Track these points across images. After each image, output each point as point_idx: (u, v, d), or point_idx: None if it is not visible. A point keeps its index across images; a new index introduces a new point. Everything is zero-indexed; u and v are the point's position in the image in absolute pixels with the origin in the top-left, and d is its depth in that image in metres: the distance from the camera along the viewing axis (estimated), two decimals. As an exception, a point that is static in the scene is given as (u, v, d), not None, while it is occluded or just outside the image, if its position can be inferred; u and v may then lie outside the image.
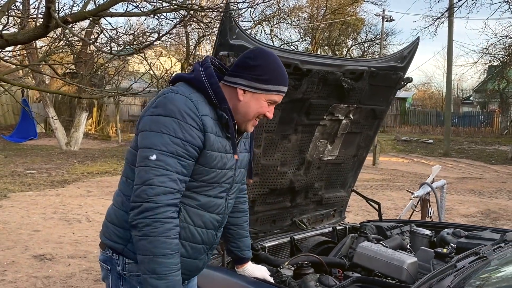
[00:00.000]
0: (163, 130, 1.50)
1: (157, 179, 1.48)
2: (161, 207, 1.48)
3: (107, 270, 1.70)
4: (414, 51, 3.14)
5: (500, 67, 22.56)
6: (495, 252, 1.88)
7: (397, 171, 12.89)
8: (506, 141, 22.56)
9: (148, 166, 1.49)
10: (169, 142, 1.50)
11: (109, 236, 1.68)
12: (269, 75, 1.66)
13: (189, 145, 1.53)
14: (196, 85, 1.62)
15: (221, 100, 1.62)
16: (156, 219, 1.48)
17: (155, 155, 1.49)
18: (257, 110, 1.67)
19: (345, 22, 23.84)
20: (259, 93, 1.66)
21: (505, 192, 9.73)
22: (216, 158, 1.61)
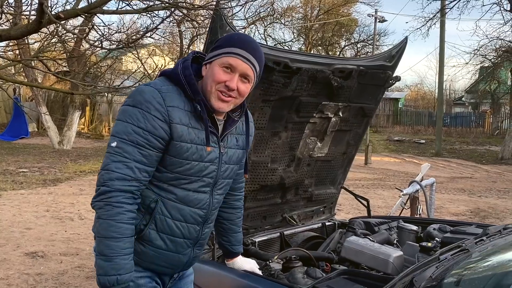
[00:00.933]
0: (127, 119, 1.55)
1: (113, 165, 1.53)
2: (113, 192, 1.53)
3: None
4: (403, 50, 3.20)
5: (491, 68, 22.80)
6: (477, 245, 1.94)
7: (389, 170, 12.99)
8: (497, 142, 22.80)
9: (109, 153, 1.55)
10: (130, 131, 1.54)
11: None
12: (221, 40, 1.66)
13: (150, 135, 1.55)
14: (173, 78, 1.64)
15: (195, 92, 1.61)
16: (108, 203, 1.53)
17: (115, 142, 1.54)
18: (212, 79, 1.62)
19: (338, 22, 23.95)
20: (212, 61, 1.63)
21: (495, 191, 9.86)
22: (188, 149, 1.61)
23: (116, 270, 1.54)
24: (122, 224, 1.54)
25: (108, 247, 1.53)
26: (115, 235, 1.54)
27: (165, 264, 1.72)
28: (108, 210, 1.53)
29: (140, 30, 9.17)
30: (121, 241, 1.54)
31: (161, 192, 1.64)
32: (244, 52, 1.61)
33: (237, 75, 1.62)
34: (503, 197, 9.09)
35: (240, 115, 1.77)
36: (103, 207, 1.53)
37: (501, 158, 16.39)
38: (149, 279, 1.73)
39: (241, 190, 2.03)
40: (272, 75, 2.51)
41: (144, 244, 1.66)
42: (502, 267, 1.69)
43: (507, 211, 7.75)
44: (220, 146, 1.71)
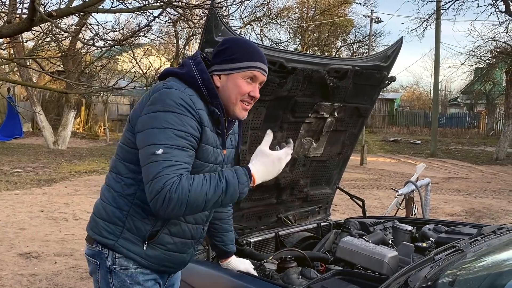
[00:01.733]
0: (164, 125, 1.51)
1: (167, 170, 1.47)
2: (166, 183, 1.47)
3: (95, 265, 1.71)
4: (398, 50, 3.20)
5: (486, 69, 22.89)
6: (471, 245, 1.94)
7: (385, 171, 13.01)
8: (492, 142, 22.91)
9: (156, 161, 1.48)
10: (173, 136, 1.51)
11: (99, 232, 1.69)
12: (238, 53, 1.68)
13: (191, 137, 1.55)
14: (188, 80, 1.64)
15: (213, 96, 1.64)
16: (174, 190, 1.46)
17: (161, 149, 1.49)
18: (238, 91, 1.67)
19: (334, 23, 23.99)
20: (233, 73, 1.67)
21: (489, 191, 9.89)
22: (210, 152, 1.64)
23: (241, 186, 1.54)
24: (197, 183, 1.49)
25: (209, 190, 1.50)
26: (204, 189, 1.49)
27: (171, 264, 1.75)
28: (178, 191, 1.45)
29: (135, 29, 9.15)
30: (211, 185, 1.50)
31: None
32: (262, 64, 1.71)
33: (257, 84, 1.72)
34: (498, 198, 9.12)
35: None
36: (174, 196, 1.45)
37: (496, 158, 16.46)
38: (154, 281, 1.75)
39: None
40: (268, 74, 2.50)
41: (156, 248, 1.68)
42: (496, 267, 1.69)
43: (502, 211, 7.78)
44: (225, 147, 1.76)
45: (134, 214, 1.64)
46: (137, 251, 1.66)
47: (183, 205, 1.47)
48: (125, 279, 1.66)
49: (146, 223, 1.64)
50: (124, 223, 1.65)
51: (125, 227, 1.65)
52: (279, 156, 1.65)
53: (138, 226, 1.64)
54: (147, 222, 1.64)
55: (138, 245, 1.65)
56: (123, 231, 1.65)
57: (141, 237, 1.65)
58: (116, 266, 1.66)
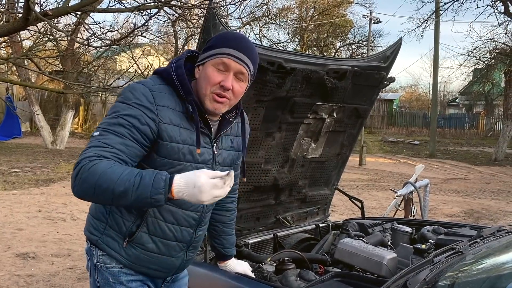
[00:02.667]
0: (115, 113, 1.51)
1: (92, 149, 1.45)
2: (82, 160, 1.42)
3: (88, 261, 1.73)
4: (397, 51, 3.19)
5: (485, 69, 22.90)
6: (471, 247, 1.93)
7: (383, 171, 13.01)
8: (491, 143, 22.91)
9: (91, 141, 1.49)
10: (114, 122, 1.49)
11: (88, 228, 1.71)
12: (213, 41, 1.61)
13: (135, 129, 1.50)
14: (165, 77, 1.61)
15: (187, 92, 1.58)
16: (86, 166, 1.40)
17: (98, 132, 1.49)
18: (207, 81, 1.57)
19: (333, 23, 23.97)
20: (205, 62, 1.59)
21: (488, 192, 9.89)
22: (180, 150, 1.57)
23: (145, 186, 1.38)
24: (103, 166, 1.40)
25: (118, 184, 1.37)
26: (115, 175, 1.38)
27: (158, 267, 1.70)
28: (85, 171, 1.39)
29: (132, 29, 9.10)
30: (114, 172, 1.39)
31: None
32: (237, 52, 1.57)
33: (232, 74, 1.57)
34: (497, 199, 9.11)
35: (236, 116, 1.73)
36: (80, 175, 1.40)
37: (495, 159, 16.46)
38: (140, 282, 1.70)
39: (234, 192, 2.01)
40: (266, 75, 2.49)
41: (135, 247, 1.64)
42: (496, 269, 1.68)
43: (501, 212, 7.77)
44: (213, 148, 1.68)
45: (115, 210, 1.63)
46: (117, 249, 1.64)
47: (90, 186, 1.39)
48: (108, 277, 1.65)
49: (126, 220, 1.62)
50: (106, 219, 1.64)
51: (108, 224, 1.64)
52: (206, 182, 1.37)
53: (118, 222, 1.62)
54: (126, 218, 1.61)
55: (118, 243, 1.63)
56: (106, 227, 1.64)
57: (122, 234, 1.63)
58: (100, 264, 1.66)
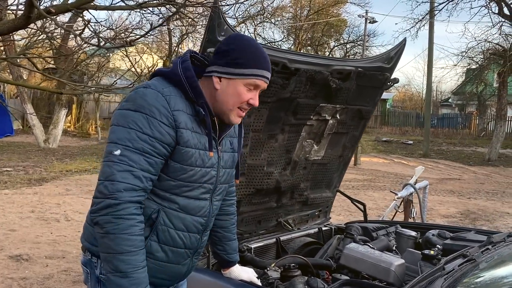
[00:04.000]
0: (130, 125, 1.44)
1: (119, 175, 1.41)
2: (122, 204, 1.41)
3: (87, 273, 1.64)
4: (401, 52, 3.14)
5: (477, 70, 23.01)
6: (483, 255, 1.88)
7: (378, 171, 13.01)
8: (483, 143, 23.05)
9: (111, 161, 1.42)
10: (135, 138, 1.43)
11: (88, 239, 1.61)
12: (244, 58, 1.56)
13: (157, 142, 1.46)
14: (172, 79, 1.55)
15: (198, 95, 1.53)
16: (118, 216, 1.40)
17: (119, 150, 1.42)
18: (237, 99, 1.57)
19: (328, 22, 23.96)
20: (235, 79, 1.56)
21: (483, 193, 9.91)
22: (193, 155, 1.53)
23: (137, 285, 1.44)
24: (136, 237, 1.44)
25: (125, 263, 1.42)
26: (131, 249, 1.43)
27: (165, 276, 1.64)
28: (119, 224, 1.41)
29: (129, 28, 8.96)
30: (137, 255, 1.44)
31: (163, 202, 1.55)
32: (268, 73, 1.61)
33: (258, 91, 1.62)
34: (492, 199, 9.13)
35: None
36: (113, 221, 1.40)
37: (488, 159, 16.54)
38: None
39: (233, 195, 1.97)
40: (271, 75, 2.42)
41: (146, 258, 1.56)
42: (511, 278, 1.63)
43: (497, 213, 7.78)
44: (218, 150, 1.65)
45: None
46: None
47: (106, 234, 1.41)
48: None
49: None
50: None
51: None
52: None
53: None
54: None
55: None
56: None
57: None
58: (104, 276, 1.55)
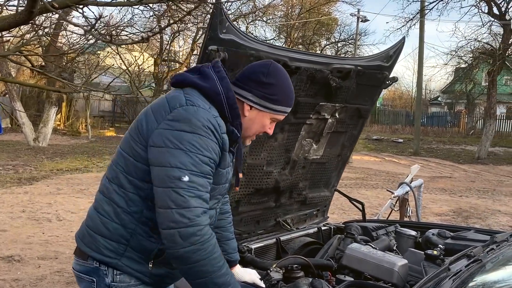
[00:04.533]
0: (190, 148, 1.41)
1: (194, 201, 1.40)
2: (204, 228, 1.42)
3: (90, 282, 1.57)
4: (400, 50, 3.13)
5: (466, 69, 23.22)
6: (488, 255, 1.87)
7: (370, 169, 13.05)
8: (472, 141, 23.28)
9: (180, 188, 1.39)
10: (199, 162, 1.42)
11: (97, 249, 1.55)
12: (280, 96, 1.64)
13: (213, 163, 1.48)
14: (210, 96, 1.53)
15: (236, 117, 1.56)
16: (205, 241, 1.41)
17: (187, 177, 1.40)
18: (260, 128, 1.68)
19: (319, 21, 23.97)
20: (265, 112, 1.64)
21: (474, 191, 9.99)
22: (223, 174, 1.59)
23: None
24: (219, 251, 1.47)
25: (223, 277, 1.45)
26: (221, 263, 1.46)
27: (171, 281, 1.69)
28: (207, 248, 1.41)
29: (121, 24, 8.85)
30: (225, 264, 1.49)
31: None
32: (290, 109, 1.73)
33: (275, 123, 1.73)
34: (483, 197, 9.21)
35: None
36: (201, 248, 1.40)
37: (478, 157, 16.70)
38: None
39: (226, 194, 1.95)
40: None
41: (161, 267, 1.58)
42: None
43: (488, 211, 7.85)
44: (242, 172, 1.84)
45: (140, 232, 1.52)
46: (143, 271, 1.56)
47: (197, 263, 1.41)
48: None
49: (152, 242, 1.53)
50: (128, 241, 1.53)
51: (129, 245, 1.53)
52: None
53: (143, 244, 1.53)
54: (152, 240, 1.53)
55: (142, 264, 1.55)
56: (127, 249, 1.53)
57: (146, 256, 1.55)
58: (117, 284, 1.55)
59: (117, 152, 1.59)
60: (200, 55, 2.10)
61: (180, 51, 22.03)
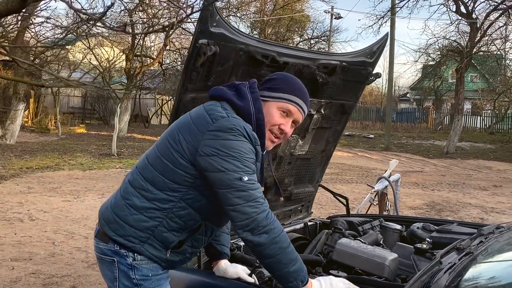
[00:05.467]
0: (239, 153, 1.58)
1: (256, 193, 1.59)
2: (270, 211, 1.61)
3: (111, 262, 1.70)
4: (383, 46, 3.15)
5: (434, 66, 23.84)
6: (478, 247, 1.91)
7: (344, 164, 13.22)
8: (440, 136, 23.94)
9: (244, 186, 1.57)
10: (247, 163, 1.60)
11: (124, 235, 1.67)
12: (282, 84, 1.74)
13: (254, 163, 1.64)
14: (243, 115, 1.67)
15: (262, 136, 1.67)
16: (274, 221, 1.60)
17: (246, 177, 1.58)
18: (269, 119, 1.70)
19: (292, 18, 24.05)
20: (270, 101, 1.72)
21: (445, 184, 10.27)
22: None
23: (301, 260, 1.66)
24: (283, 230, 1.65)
25: (292, 252, 1.63)
26: (288, 239, 1.64)
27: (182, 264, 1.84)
28: (276, 226, 1.60)
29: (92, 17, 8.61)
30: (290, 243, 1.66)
31: (209, 217, 1.72)
32: (303, 104, 1.77)
33: (292, 120, 1.76)
34: (454, 190, 9.48)
35: None
36: (273, 226, 1.59)
37: (447, 152, 17.17)
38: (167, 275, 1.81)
39: None
40: (260, 69, 2.38)
41: (177, 255, 1.73)
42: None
43: (460, 204, 8.08)
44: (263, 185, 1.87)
45: (165, 225, 1.66)
46: (160, 257, 1.69)
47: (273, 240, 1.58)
48: (147, 273, 1.69)
49: (174, 235, 1.67)
50: (153, 232, 1.66)
51: (153, 235, 1.66)
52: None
53: (166, 236, 1.66)
54: (175, 234, 1.67)
55: (161, 251, 1.68)
56: (150, 237, 1.66)
57: (166, 245, 1.68)
58: (138, 262, 1.68)
59: (153, 153, 1.70)
60: (190, 49, 2.05)
61: (152, 46, 21.67)
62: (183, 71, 2.13)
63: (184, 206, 1.64)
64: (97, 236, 1.75)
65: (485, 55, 21.65)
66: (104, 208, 1.76)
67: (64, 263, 4.56)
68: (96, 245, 1.75)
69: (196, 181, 1.62)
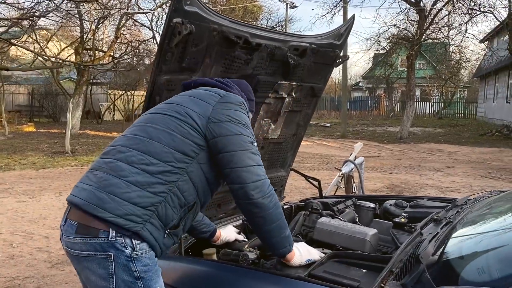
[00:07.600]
0: (247, 123, 1.77)
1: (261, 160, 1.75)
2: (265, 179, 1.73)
3: (105, 258, 1.53)
4: (350, 28, 3.18)
5: (385, 54, 24.55)
6: (456, 217, 1.97)
7: (304, 153, 13.38)
8: (393, 123, 24.77)
9: (254, 149, 1.72)
10: (252, 132, 1.79)
11: (125, 214, 1.53)
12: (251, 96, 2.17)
13: None
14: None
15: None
16: (272, 188, 1.72)
17: (251, 140, 1.74)
18: None
19: (245, 9, 23.96)
20: None
21: (402, 168, 10.62)
22: None
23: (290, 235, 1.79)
24: None
25: (284, 221, 1.74)
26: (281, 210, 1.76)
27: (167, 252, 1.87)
28: (274, 193, 1.71)
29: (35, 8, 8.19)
30: None
31: (201, 196, 1.73)
32: None
33: None
34: (411, 173, 9.83)
35: None
36: (273, 193, 1.70)
37: (400, 137, 17.78)
38: None
39: None
40: (234, 50, 2.33)
41: (172, 237, 1.70)
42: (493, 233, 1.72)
43: (417, 185, 8.38)
44: None
45: (169, 201, 1.62)
46: (159, 238, 1.63)
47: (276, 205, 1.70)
48: (148, 262, 1.59)
49: (175, 213, 1.64)
50: (156, 209, 1.59)
51: (156, 212, 1.60)
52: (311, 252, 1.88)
53: (168, 213, 1.62)
54: (175, 211, 1.64)
55: (160, 232, 1.63)
56: (153, 215, 1.59)
57: (166, 225, 1.64)
58: (138, 252, 1.57)
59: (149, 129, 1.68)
60: (164, 28, 1.98)
61: (103, 39, 20.94)
62: (157, 52, 2.05)
63: (187, 179, 1.65)
64: (78, 231, 1.55)
65: (433, 43, 22.52)
66: (86, 194, 1.57)
67: (26, 265, 4.34)
68: (78, 242, 1.54)
69: (200, 153, 1.66)
